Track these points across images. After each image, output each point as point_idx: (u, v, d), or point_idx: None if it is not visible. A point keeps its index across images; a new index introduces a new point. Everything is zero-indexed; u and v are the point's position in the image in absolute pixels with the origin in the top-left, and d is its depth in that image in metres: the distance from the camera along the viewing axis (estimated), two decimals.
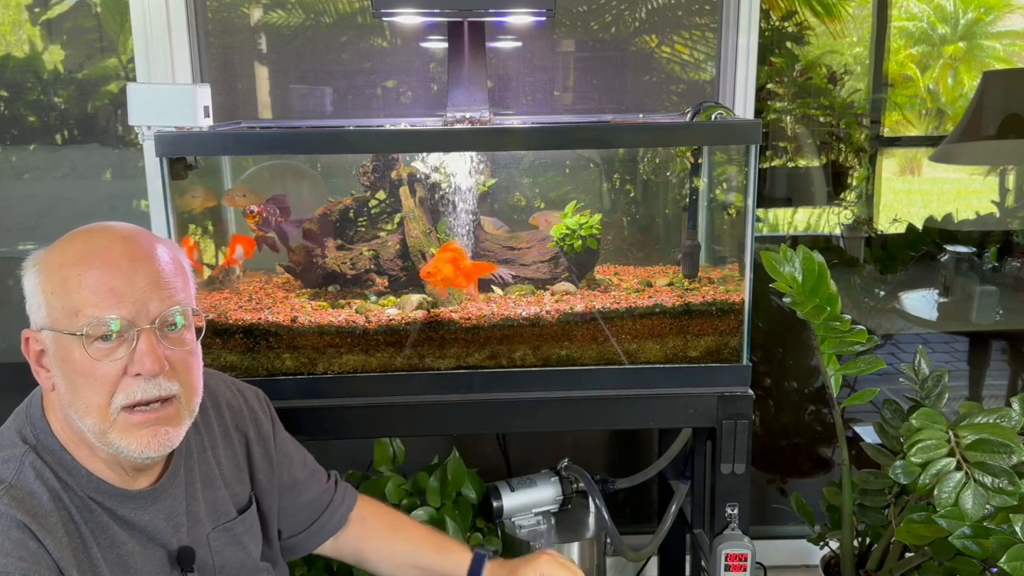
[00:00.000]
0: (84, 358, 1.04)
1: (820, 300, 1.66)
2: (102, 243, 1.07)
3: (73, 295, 1.04)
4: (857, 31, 2.62)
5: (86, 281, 1.04)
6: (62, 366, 1.06)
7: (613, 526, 1.82)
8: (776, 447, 2.73)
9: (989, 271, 2.69)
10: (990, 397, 2.79)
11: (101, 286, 1.04)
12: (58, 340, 1.06)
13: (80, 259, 1.05)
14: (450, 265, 1.61)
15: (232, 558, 1.26)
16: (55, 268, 1.06)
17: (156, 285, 1.07)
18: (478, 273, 1.67)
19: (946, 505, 1.54)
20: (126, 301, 1.04)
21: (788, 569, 2.51)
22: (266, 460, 1.35)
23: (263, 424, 1.36)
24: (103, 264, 1.05)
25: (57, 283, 1.05)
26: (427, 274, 1.63)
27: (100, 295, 1.03)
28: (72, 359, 1.05)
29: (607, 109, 2.32)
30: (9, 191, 2.34)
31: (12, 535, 0.99)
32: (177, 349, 1.10)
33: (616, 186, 1.99)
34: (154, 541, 1.15)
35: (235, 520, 1.27)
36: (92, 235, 1.09)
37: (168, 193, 1.53)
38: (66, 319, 1.04)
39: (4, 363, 2.39)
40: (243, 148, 1.67)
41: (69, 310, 1.04)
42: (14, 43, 2.31)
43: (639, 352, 1.67)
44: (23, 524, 1.00)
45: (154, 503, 1.15)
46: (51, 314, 1.05)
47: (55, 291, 1.05)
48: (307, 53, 2.27)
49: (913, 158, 2.90)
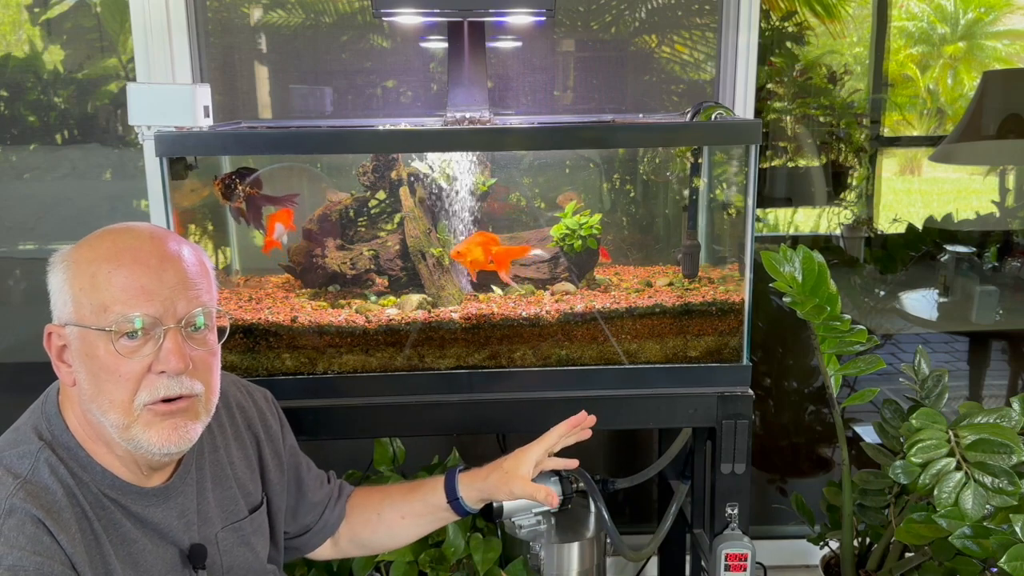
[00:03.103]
0: (110, 354, 1.05)
1: (820, 300, 1.66)
2: (132, 242, 1.09)
3: (102, 292, 1.05)
4: (857, 31, 2.62)
5: (116, 279, 1.05)
6: (87, 362, 1.07)
7: (613, 526, 1.82)
8: (776, 447, 2.73)
9: (989, 271, 2.69)
10: (990, 397, 2.79)
11: (131, 284, 1.05)
12: (84, 336, 1.06)
13: (110, 256, 1.07)
14: (480, 249, 1.60)
15: (240, 558, 1.27)
16: (84, 265, 1.07)
17: (184, 285, 1.08)
18: (510, 257, 1.67)
19: (946, 505, 1.54)
20: (155, 300, 1.06)
21: (788, 569, 2.51)
22: (276, 460, 1.37)
23: (272, 425, 1.38)
24: (133, 262, 1.06)
25: (86, 279, 1.06)
26: (457, 254, 1.63)
27: (129, 292, 1.05)
28: (97, 355, 1.06)
29: (607, 109, 2.32)
30: (9, 191, 2.34)
31: (27, 530, 1.00)
32: (200, 349, 1.11)
33: (616, 186, 1.99)
34: (165, 539, 1.16)
35: (245, 520, 1.28)
36: (121, 234, 1.10)
37: (168, 193, 1.53)
38: (94, 315, 1.05)
39: (4, 363, 2.39)
40: (243, 148, 1.67)
41: (97, 306, 1.05)
42: (14, 43, 2.31)
43: (639, 352, 1.67)
44: (37, 519, 1.01)
45: (166, 500, 1.16)
46: (78, 310, 1.06)
47: (84, 288, 1.06)
48: (307, 53, 2.27)
49: (913, 158, 2.90)
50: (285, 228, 1.71)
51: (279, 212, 1.70)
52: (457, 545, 1.75)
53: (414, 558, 1.76)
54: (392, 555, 1.75)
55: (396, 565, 1.76)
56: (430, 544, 1.79)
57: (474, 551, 1.75)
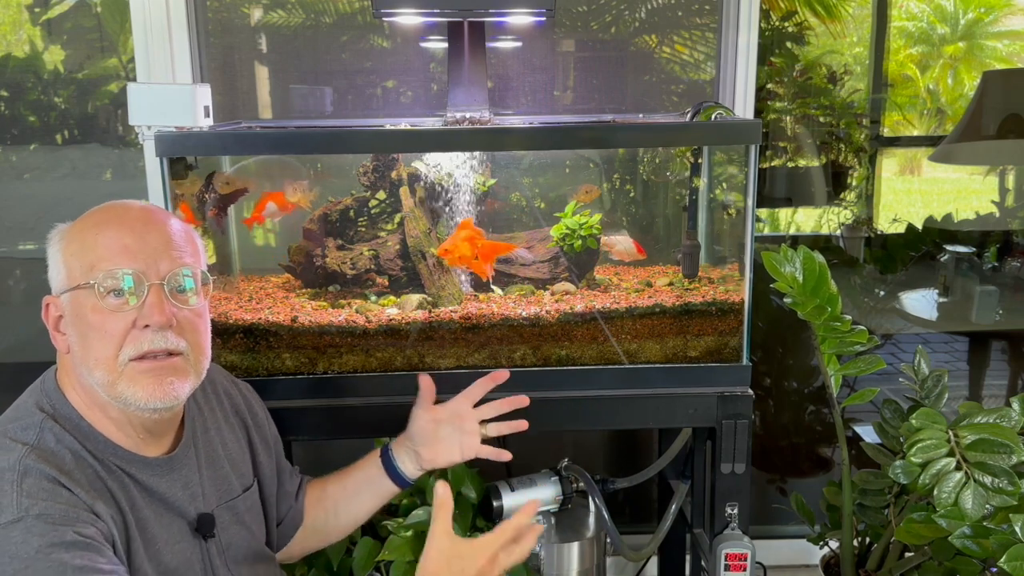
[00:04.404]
0: (97, 311, 1.10)
1: (821, 300, 1.66)
2: (119, 210, 1.16)
3: (89, 253, 1.11)
4: (857, 31, 2.62)
5: (101, 239, 1.11)
6: (77, 324, 1.12)
7: (613, 526, 1.82)
8: (776, 447, 2.73)
9: (989, 271, 2.69)
10: (990, 397, 2.79)
11: (114, 242, 1.11)
12: (75, 298, 1.11)
13: (97, 223, 1.14)
14: (467, 244, 1.60)
15: (237, 536, 1.30)
16: (75, 233, 1.14)
17: (167, 246, 1.14)
18: (495, 253, 1.67)
19: (946, 505, 1.54)
20: (138, 257, 1.11)
21: (788, 569, 2.51)
22: (264, 445, 1.41)
23: (258, 412, 1.42)
24: (119, 225, 1.13)
25: (76, 245, 1.12)
26: (444, 252, 1.63)
27: (113, 251, 1.11)
28: (85, 315, 1.10)
29: (607, 109, 2.32)
30: (9, 191, 2.34)
31: (45, 485, 1.03)
32: (185, 308, 1.15)
33: (616, 186, 1.99)
34: (172, 510, 1.19)
35: (238, 498, 1.31)
36: (112, 205, 1.17)
37: (168, 193, 1.53)
38: (81, 274, 1.11)
39: (4, 363, 2.39)
40: (243, 148, 1.67)
41: (85, 267, 1.11)
42: (14, 43, 2.31)
43: (639, 352, 1.67)
44: (52, 476, 1.04)
45: (170, 472, 1.19)
46: (70, 274, 1.12)
47: (74, 252, 1.12)
48: (307, 53, 2.27)
49: (913, 158, 2.90)
50: (278, 208, 1.71)
51: (276, 193, 1.71)
52: None
53: (414, 558, 1.76)
54: (392, 555, 1.75)
55: (396, 565, 1.76)
56: None
57: None
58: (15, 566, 0.96)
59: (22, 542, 0.97)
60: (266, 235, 1.87)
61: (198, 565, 1.20)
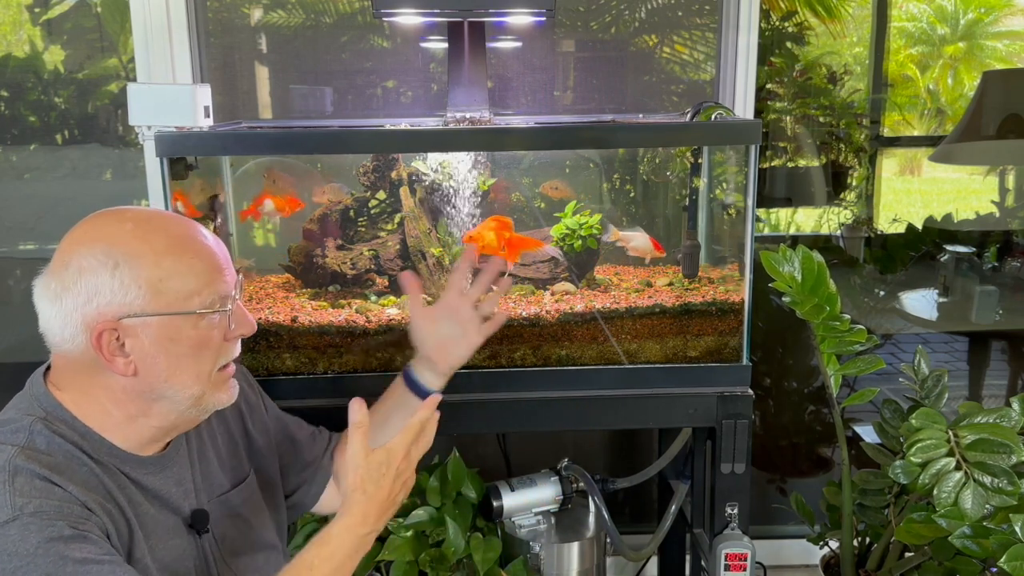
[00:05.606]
0: (200, 333, 1.14)
1: (819, 299, 1.66)
2: (180, 229, 1.16)
3: (187, 278, 1.12)
4: (857, 31, 2.63)
5: (197, 265, 1.13)
6: (167, 346, 1.12)
7: (613, 526, 1.82)
8: (776, 447, 2.73)
9: (989, 271, 2.69)
10: (990, 397, 2.79)
11: (209, 267, 1.14)
12: (167, 323, 1.11)
13: (176, 247, 1.13)
14: (493, 233, 1.59)
15: (232, 529, 1.30)
16: (151, 258, 1.10)
17: (228, 259, 1.19)
18: (523, 247, 1.67)
19: (946, 505, 1.54)
20: (228, 276, 1.17)
21: (788, 569, 2.51)
22: (261, 428, 1.41)
23: (251, 398, 1.42)
24: (201, 248, 1.15)
25: (164, 271, 1.11)
26: (469, 238, 1.62)
27: (212, 275, 1.14)
28: (180, 338, 1.12)
29: (607, 109, 2.32)
30: (9, 191, 2.35)
31: (36, 483, 1.03)
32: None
33: (616, 186, 1.99)
34: (166, 506, 1.19)
35: (230, 492, 1.31)
36: (162, 222, 1.16)
37: (168, 193, 1.53)
38: (181, 301, 1.12)
39: (4, 363, 2.39)
40: (243, 148, 1.67)
41: (185, 293, 1.12)
42: (14, 43, 2.31)
43: (639, 352, 1.67)
44: (43, 475, 1.04)
45: (163, 470, 1.20)
46: (156, 299, 1.10)
47: (162, 278, 1.11)
48: (307, 53, 2.27)
49: (913, 158, 2.90)
50: (275, 208, 1.72)
51: (282, 196, 1.72)
52: (457, 545, 1.75)
53: (414, 558, 1.76)
54: (392, 555, 1.75)
55: (396, 565, 1.76)
56: (430, 544, 1.79)
57: (474, 551, 1.75)
58: (15, 563, 0.96)
59: (20, 539, 0.97)
60: (266, 235, 1.88)
61: (192, 561, 1.21)
